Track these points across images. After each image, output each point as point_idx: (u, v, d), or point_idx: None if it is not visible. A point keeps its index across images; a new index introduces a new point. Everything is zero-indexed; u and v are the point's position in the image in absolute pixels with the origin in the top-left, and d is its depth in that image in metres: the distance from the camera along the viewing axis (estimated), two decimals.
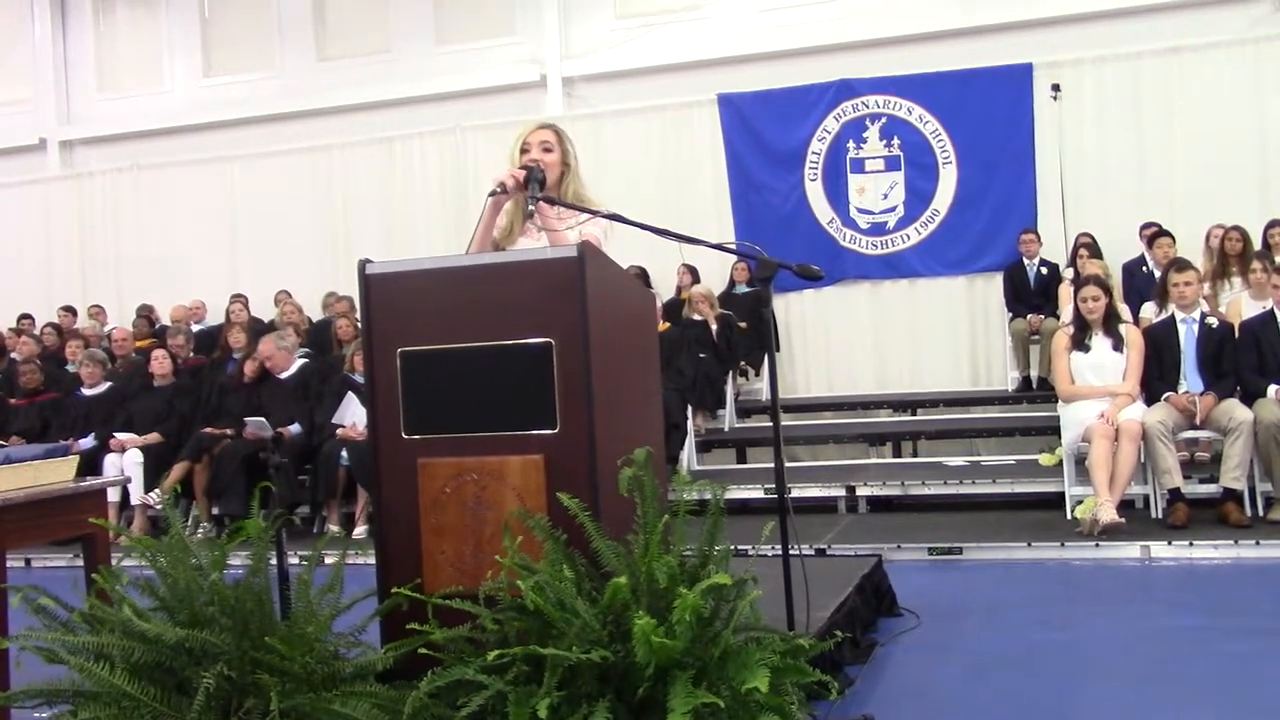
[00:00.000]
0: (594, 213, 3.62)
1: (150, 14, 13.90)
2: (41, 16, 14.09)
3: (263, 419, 8.52)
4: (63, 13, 14.17)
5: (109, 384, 9.67)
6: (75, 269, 13.67)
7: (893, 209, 11.12)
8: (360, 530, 8.02)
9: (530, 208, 3.51)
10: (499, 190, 3.58)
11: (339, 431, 8.39)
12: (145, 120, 13.61)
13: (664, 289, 10.88)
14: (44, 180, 13.97)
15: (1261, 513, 6.66)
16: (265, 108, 13.20)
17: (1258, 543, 6.10)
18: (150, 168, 13.46)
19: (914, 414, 10.24)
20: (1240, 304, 7.94)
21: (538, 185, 3.58)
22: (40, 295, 13.38)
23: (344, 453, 8.24)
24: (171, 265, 13.05)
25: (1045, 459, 7.76)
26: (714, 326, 9.86)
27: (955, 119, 10.93)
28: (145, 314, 12.58)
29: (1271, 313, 6.92)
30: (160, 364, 9.39)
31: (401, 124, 12.66)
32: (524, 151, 3.78)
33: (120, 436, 9.03)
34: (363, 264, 3.25)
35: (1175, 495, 6.56)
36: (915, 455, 9.41)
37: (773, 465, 3.61)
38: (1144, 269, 9.43)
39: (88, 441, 9.10)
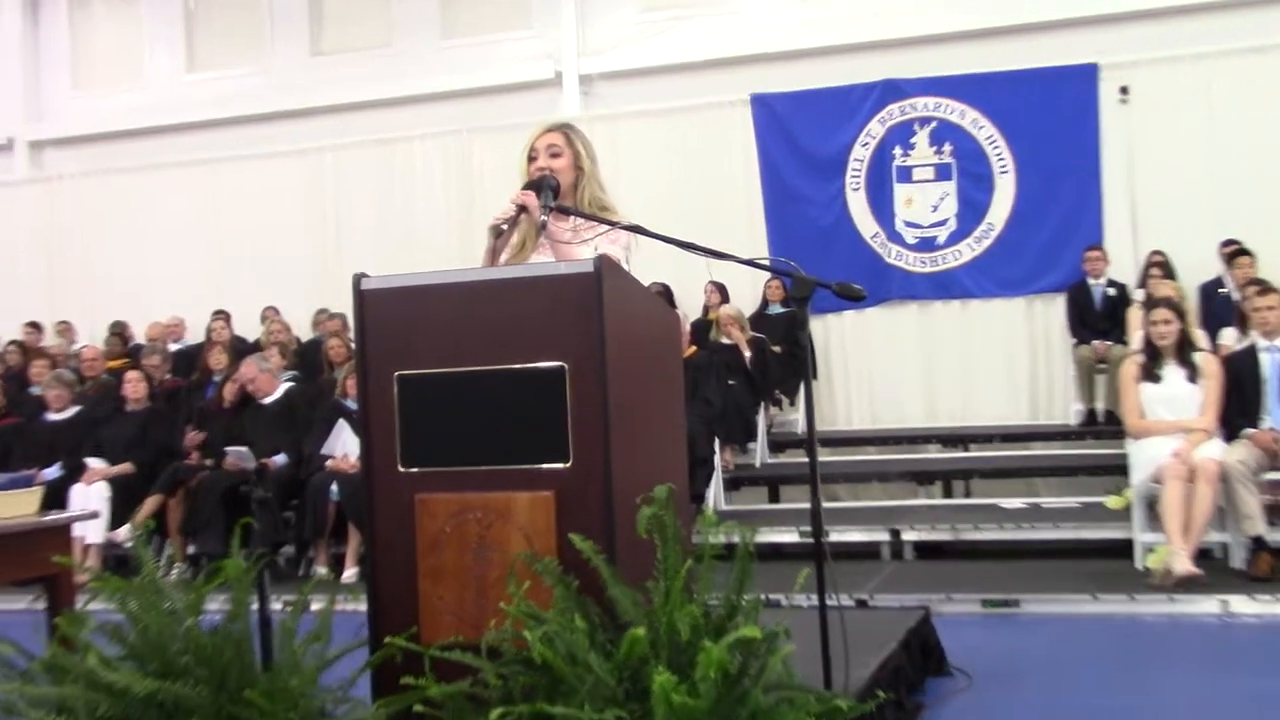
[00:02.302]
0: (613, 224, 3.62)
1: (129, 3, 14.05)
2: (10, 5, 14.24)
3: (245, 449, 8.55)
4: (34, 1, 14.35)
5: (77, 408, 9.69)
6: (42, 281, 13.75)
7: (943, 222, 11.10)
8: (351, 573, 8.03)
9: (543, 217, 3.51)
10: (501, 229, 3.58)
11: (328, 463, 8.37)
12: (122, 119, 13.71)
13: (689, 309, 10.87)
14: (10, 184, 14.11)
15: None
16: (253, 106, 13.27)
17: None
18: (126, 171, 13.56)
19: (966, 450, 10.19)
20: None
21: (550, 194, 3.58)
22: (3, 309, 13.42)
23: (334, 487, 8.22)
24: (148, 278, 13.12)
25: (1112, 502, 7.71)
26: (745, 351, 9.85)
27: (1013, 124, 10.91)
28: (118, 331, 12.62)
29: None
30: (134, 387, 9.42)
31: (403, 125, 12.71)
32: (531, 159, 3.78)
33: (90, 466, 9.09)
34: (357, 279, 3.27)
35: (1258, 544, 6.49)
36: (967, 496, 9.35)
37: (809, 505, 3.59)
38: (1222, 291, 9.39)
39: (53, 471, 9.12)
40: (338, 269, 12.12)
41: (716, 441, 9.12)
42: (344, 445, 8.32)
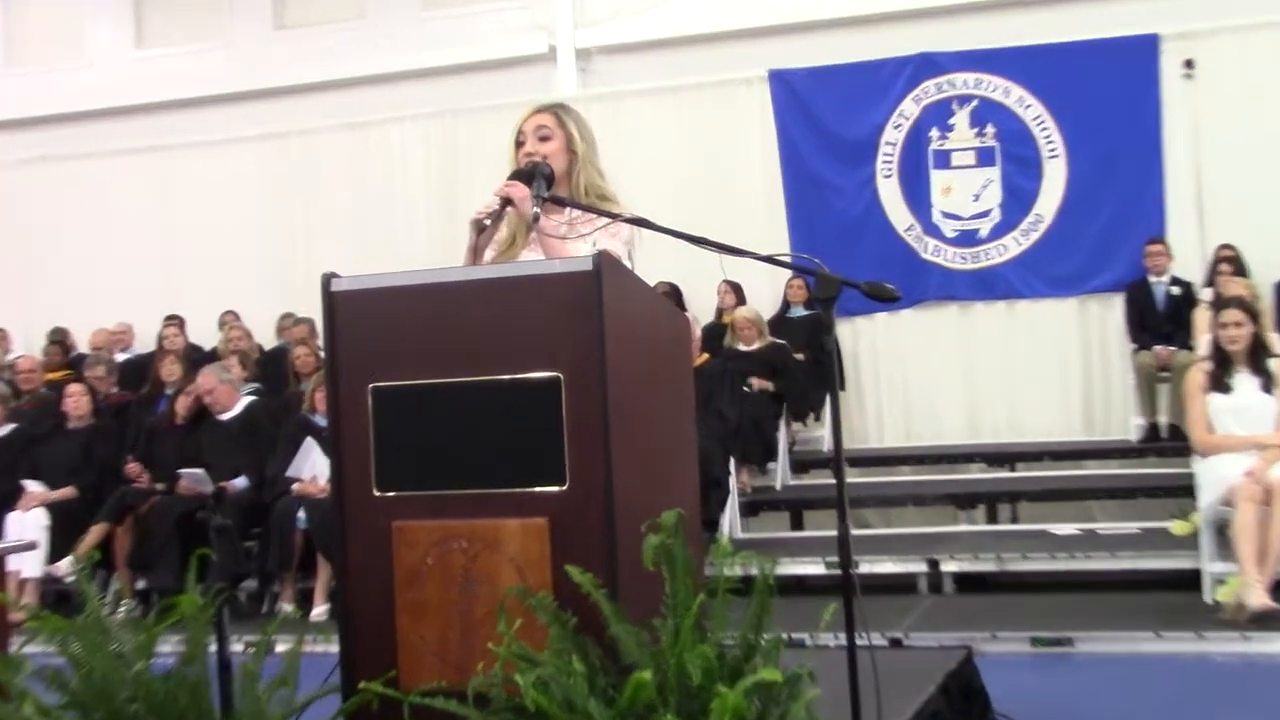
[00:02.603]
0: (614, 216, 3.61)
1: None
2: None
3: (201, 470, 8.54)
4: None
5: (12, 425, 9.67)
6: None
7: (986, 213, 11.10)
8: (320, 610, 8.04)
9: (535, 210, 3.51)
10: (484, 224, 3.58)
11: (295, 487, 8.39)
12: (61, 101, 13.67)
13: (701, 311, 10.88)
14: None
15: None
16: (210, 86, 13.26)
17: None
18: (67, 159, 13.58)
19: (1012, 469, 10.20)
20: None
21: (543, 182, 3.58)
22: None
23: (301, 513, 8.24)
24: (91, 279, 13.13)
25: (1177, 527, 7.69)
26: (764, 359, 9.88)
27: (1064, 102, 10.91)
28: (58, 339, 12.65)
29: None
30: (76, 401, 9.41)
31: (378, 106, 12.73)
32: (519, 145, 3.78)
33: (27, 490, 9.09)
34: (327, 279, 3.27)
35: None
36: (1014, 521, 9.35)
37: (835, 533, 3.58)
38: None
39: None
40: (305, 268, 12.10)
41: (732, 461, 9.10)
42: (312, 466, 8.32)
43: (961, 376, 11.12)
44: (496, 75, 12.39)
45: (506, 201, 3.58)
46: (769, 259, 3.87)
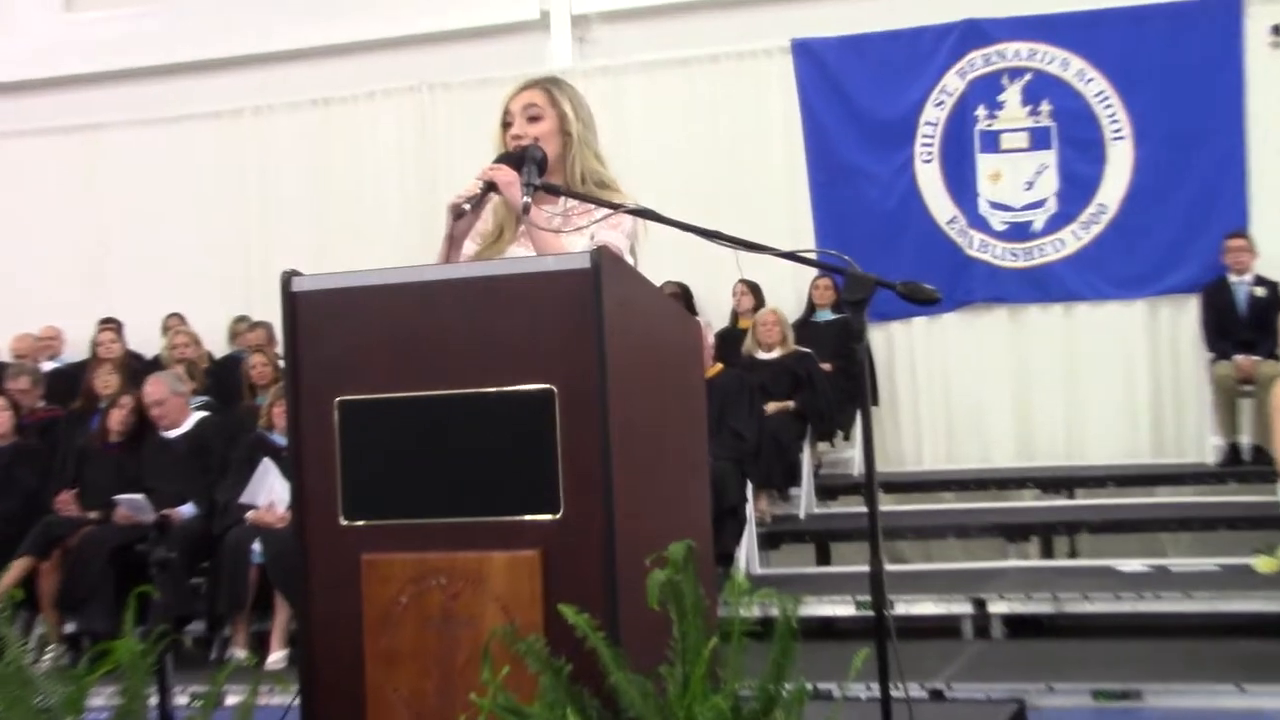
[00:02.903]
0: (615, 206, 3.62)
1: None
2: None
3: (141, 496, 8.54)
4: None
5: None
6: None
7: (1040, 203, 11.11)
8: (278, 656, 8.03)
9: (525, 199, 3.52)
10: (463, 210, 3.58)
11: (249, 515, 8.39)
12: None
13: (714, 316, 10.90)
14: None
15: None
16: (151, 55, 13.24)
17: None
18: None
19: (1071, 496, 10.19)
20: None
21: (535, 168, 3.59)
22: None
23: (257, 545, 8.24)
24: (13, 277, 13.12)
25: (1262, 564, 7.70)
26: (786, 369, 9.88)
27: (1131, 76, 10.90)
28: None
29: None
30: None
31: (345, 80, 12.75)
32: (506, 126, 3.79)
33: None
34: (287, 277, 3.27)
35: None
36: (1073, 556, 9.37)
37: (868, 569, 3.59)
38: None
39: None
40: (262, 265, 12.17)
41: (749, 486, 9.12)
42: (269, 491, 8.33)
43: (1012, 390, 11.12)
44: (480, 45, 12.40)
45: (491, 187, 3.58)
46: (791, 255, 3.88)
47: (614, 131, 4.05)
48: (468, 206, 3.59)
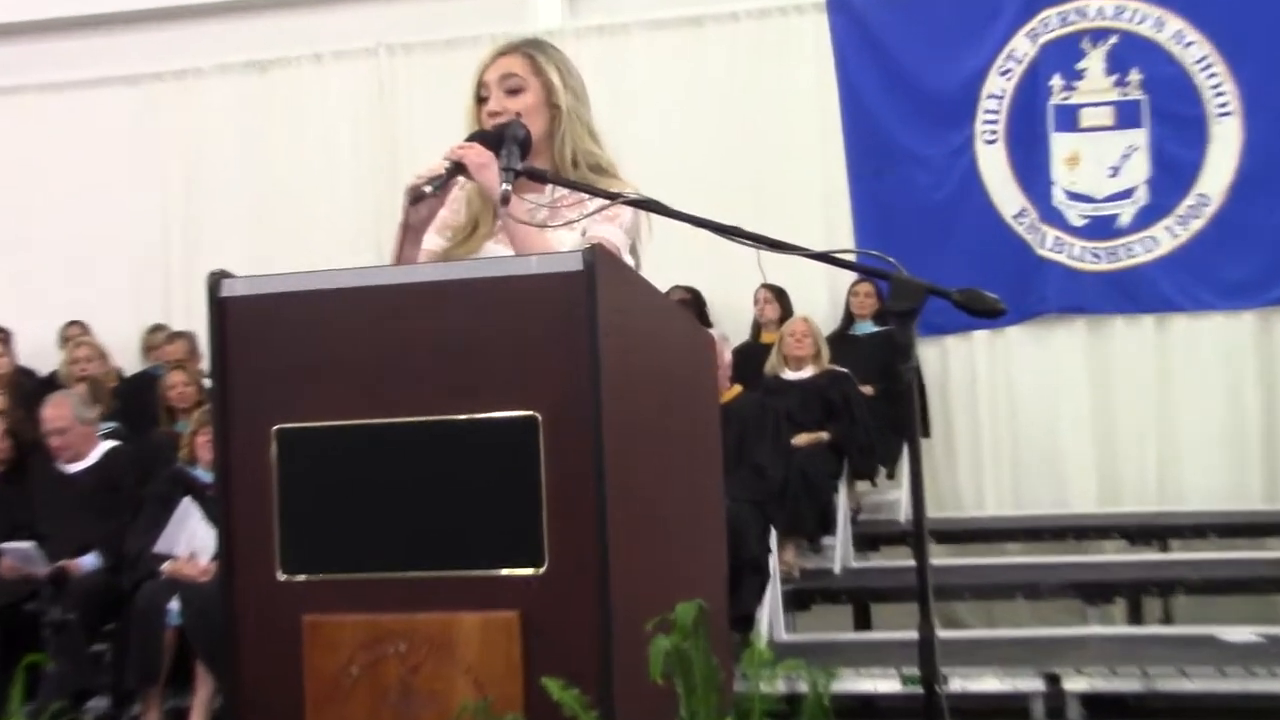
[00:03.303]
0: (613, 196, 3.61)
1: None
2: None
3: (30, 544, 8.53)
4: None
5: None
6: None
7: (1128, 193, 11.11)
8: None
9: (504, 186, 3.51)
10: (424, 193, 3.57)
11: (166, 567, 8.42)
12: None
13: (732, 328, 10.91)
14: None
15: None
16: (62, 7, 13.27)
17: None
18: None
19: (1165, 549, 10.16)
20: None
21: (517, 149, 3.57)
22: None
23: (174, 604, 8.27)
24: None
25: None
26: (817, 393, 9.86)
27: (1240, 39, 10.87)
28: None
29: None
30: None
31: (290, 40, 12.76)
32: (480, 100, 3.78)
33: None
34: (215, 279, 3.25)
35: None
36: (1167, 622, 9.34)
37: (916, 635, 3.59)
38: None
39: None
40: (184, 264, 12.20)
41: (773, 534, 9.12)
42: (190, 539, 8.33)
43: (1092, 420, 11.11)
44: (450, 1, 12.42)
45: (459, 168, 3.54)
46: (825, 256, 3.79)
47: (611, 105, 4.05)
48: (429, 189, 3.54)
